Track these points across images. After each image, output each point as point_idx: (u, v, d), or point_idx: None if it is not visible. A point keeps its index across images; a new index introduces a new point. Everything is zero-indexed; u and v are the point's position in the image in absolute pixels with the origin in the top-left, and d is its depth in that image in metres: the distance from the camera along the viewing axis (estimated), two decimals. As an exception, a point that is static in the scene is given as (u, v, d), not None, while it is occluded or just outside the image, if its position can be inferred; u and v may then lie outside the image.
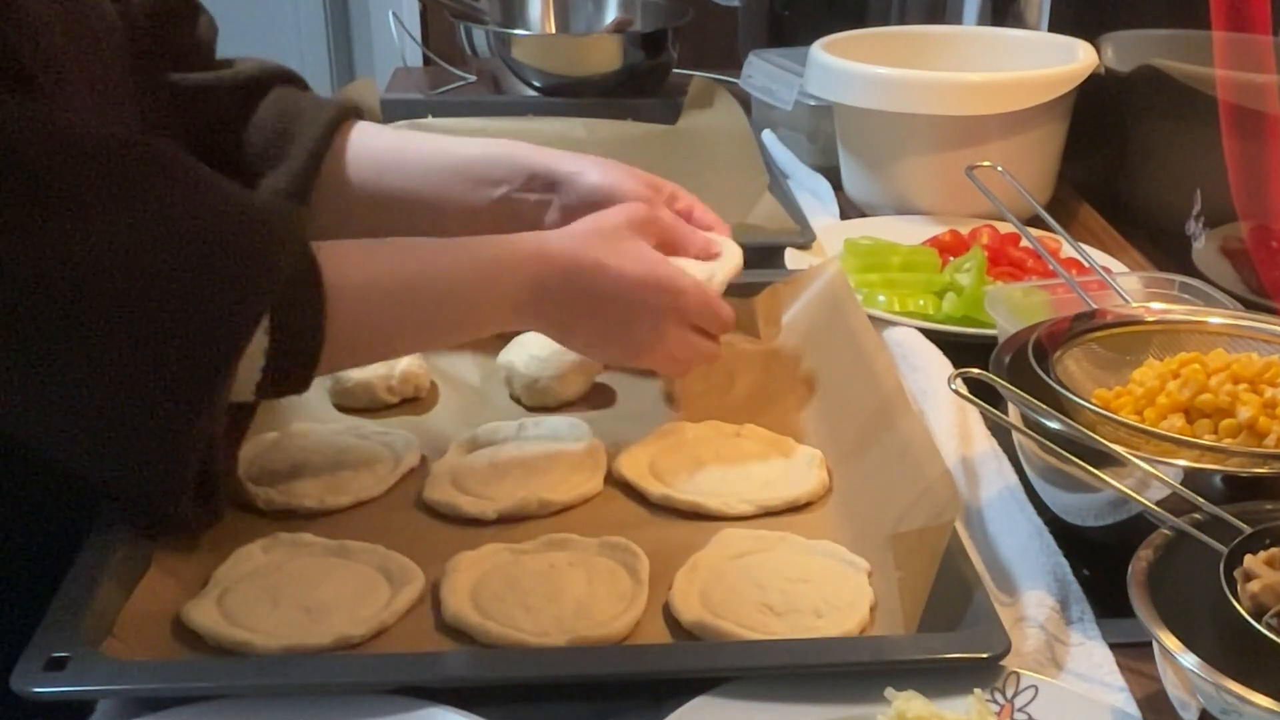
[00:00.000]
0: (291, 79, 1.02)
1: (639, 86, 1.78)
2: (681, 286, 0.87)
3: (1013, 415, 0.80)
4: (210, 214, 0.70)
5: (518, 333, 0.99)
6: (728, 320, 0.91)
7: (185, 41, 0.98)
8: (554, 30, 1.92)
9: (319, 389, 0.98)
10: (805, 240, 1.23)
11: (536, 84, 1.77)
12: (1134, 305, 0.93)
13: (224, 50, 1.02)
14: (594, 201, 0.95)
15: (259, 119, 0.97)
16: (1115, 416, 0.77)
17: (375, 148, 0.99)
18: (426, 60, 2.11)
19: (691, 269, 0.91)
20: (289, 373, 0.73)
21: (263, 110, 0.98)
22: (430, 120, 1.65)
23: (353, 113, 1.01)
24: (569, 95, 1.74)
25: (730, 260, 0.96)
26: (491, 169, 0.98)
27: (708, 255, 0.95)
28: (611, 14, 1.93)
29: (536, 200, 0.98)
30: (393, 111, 1.68)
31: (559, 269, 0.82)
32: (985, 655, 0.67)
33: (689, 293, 0.87)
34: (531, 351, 0.97)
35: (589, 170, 0.97)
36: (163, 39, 0.95)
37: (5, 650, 0.66)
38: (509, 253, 0.82)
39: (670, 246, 0.91)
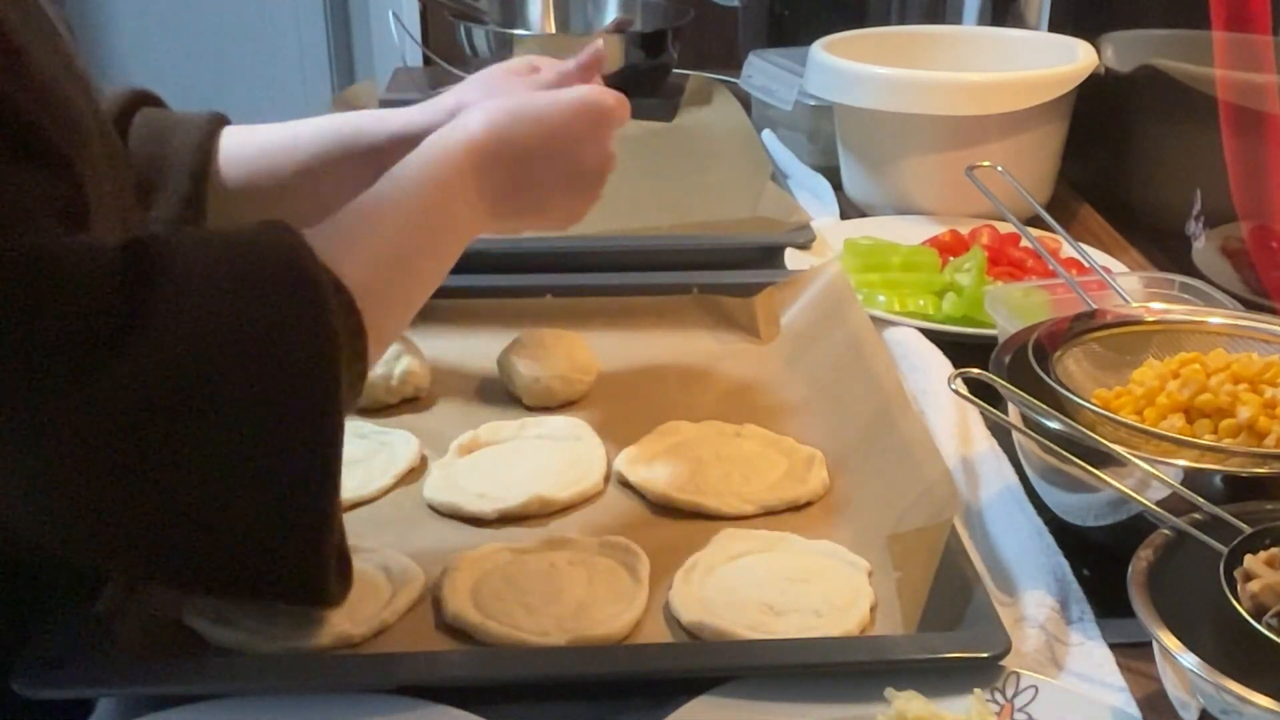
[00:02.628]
0: (149, 99, 0.99)
1: (639, 86, 1.78)
2: (595, 95, 0.85)
3: (1013, 415, 0.80)
4: (247, 300, 0.64)
5: (518, 331, 1.00)
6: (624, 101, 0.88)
7: None
8: (554, 30, 1.91)
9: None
10: (805, 240, 1.23)
11: None
12: (1134, 305, 0.93)
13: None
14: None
15: (130, 149, 0.94)
16: (1115, 416, 0.77)
17: (239, 149, 0.97)
18: (426, 60, 2.11)
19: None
20: (355, 387, 0.70)
21: (131, 139, 0.94)
22: None
23: (221, 121, 0.98)
24: None
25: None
26: (356, 141, 0.96)
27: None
28: (611, 14, 1.93)
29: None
30: None
31: (490, 148, 0.80)
32: (985, 655, 0.67)
33: (602, 95, 0.85)
34: (532, 351, 0.97)
35: (453, 112, 0.94)
36: None
37: (5, 650, 0.66)
38: (445, 166, 0.79)
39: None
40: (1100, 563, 0.76)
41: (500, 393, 0.99)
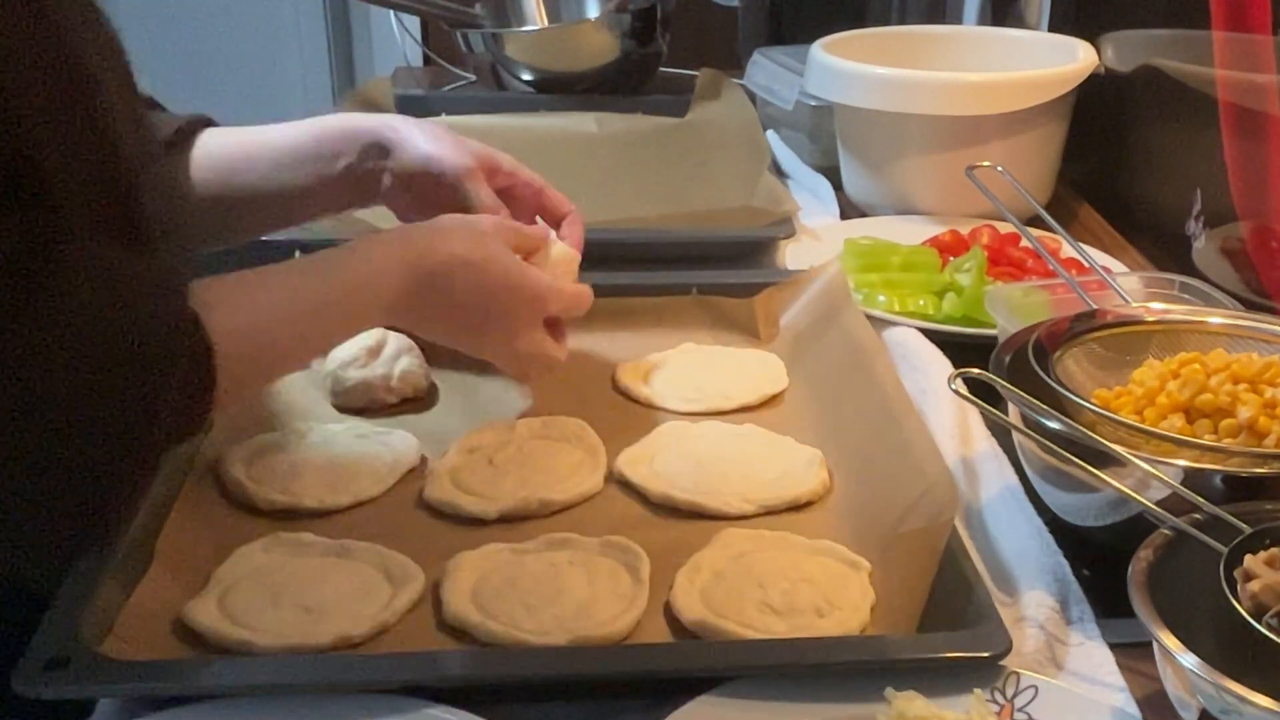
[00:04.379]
0: (207, 122, 1.02)
1: (631, 78, 1.78)
2: (541, 289, 0.89)
3: (1013, 415, 0.80)
4: (103, 337, 0.68)
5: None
6: (583, 297, 0.93)
7: None
8: (544, 19, 1.91)
9: (319, 389, 0.98)
10: (786, 233, 1.25)
11: (527, 79, 1.77)
12: (1134, 305, 0.93)
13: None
14: (424, 168, 0.97)
15: None
16: (1115, 416, 0.77)
17: (215, 152, 0.99)
18: (427, 60, 2.11)
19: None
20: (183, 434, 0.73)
21: None
22: (443, 118, 1.66)
23: (201, 122, 1.01)
24: (562, 90, 1.75)
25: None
26: (329, 145, 0.99)
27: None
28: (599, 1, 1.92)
29: (372, 167, 0.99)
30: (406, 109, 1.69)
31: (423, 274, 0.84)
32: (986, 655, 0.67)
33: (549, 294, 0.90)
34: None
35: (418, 138, 0.98)
36: None
37: (5, 650, 0.66)
38: (378, 261, 0.83)
39: (524, 252, 0.92)
40: (1100, 563, 0.76)
41: (501, 393, 0.99)
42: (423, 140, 0.98)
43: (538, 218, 1.02)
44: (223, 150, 0.98)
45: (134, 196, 0.78)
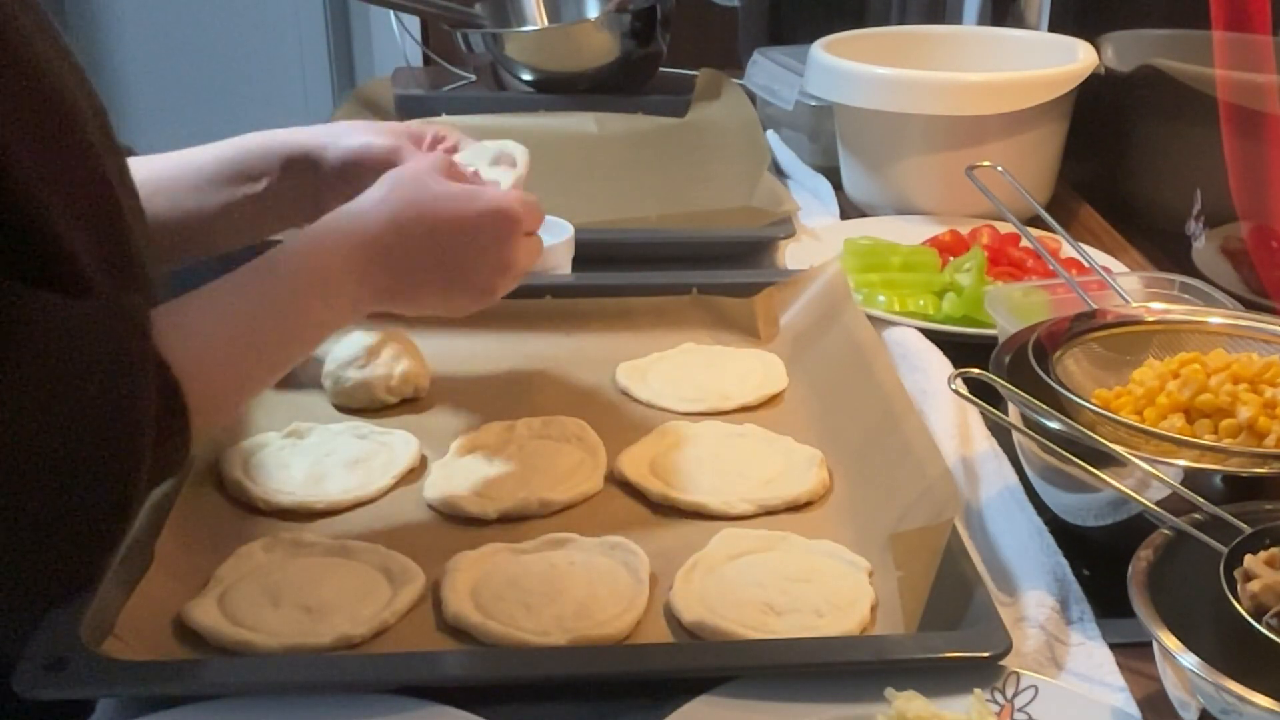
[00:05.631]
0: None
1: (631, 78, 1.78)
2: (503, 202, 0.84)
3: (1013, 415, 0.80)
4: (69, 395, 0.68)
5: (518, 331, 1.00)
6: (538, 208, 0.89)
7: None
8: (544, 19, 1.91)
9: (319, 389, 0.98)
10: (785, 233, 1.25)
11: (527, 79, 1.77)
12: (1134, 305, 0.93)
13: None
14: (356, 160, 0.95)
15: None
16: (1115, 416, 0.77)
17: (136, 178, 0.94)
18: (427, 60, 2.11)
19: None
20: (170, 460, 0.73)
21: None
22: (444, 119, 1.66)
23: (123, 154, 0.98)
24: (562, 90, 1.75)
25: (520, 164, 0.95)
26: (250, 165, 0.97)
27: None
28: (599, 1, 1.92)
29: (300, 183, 0.97)
30: (407, 109, 1.69)
31: (384, 244, 0.80)
32: (986, 654, 0.67)
33: (511, 202, 0.85)
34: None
35: (341, 136, 0.97)
36: None
37: (5, 650, 0.66)
38: (330, 256, 0.80)
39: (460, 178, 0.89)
40: (1100, 563, 0.76)
41: (501, 393, 0.99)
42: (349, 136, 0.97)
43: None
44: (142, 177, 0.93)
45: (124, 230, 0.77)
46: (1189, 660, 0.60)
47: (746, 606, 0.73)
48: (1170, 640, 0.61)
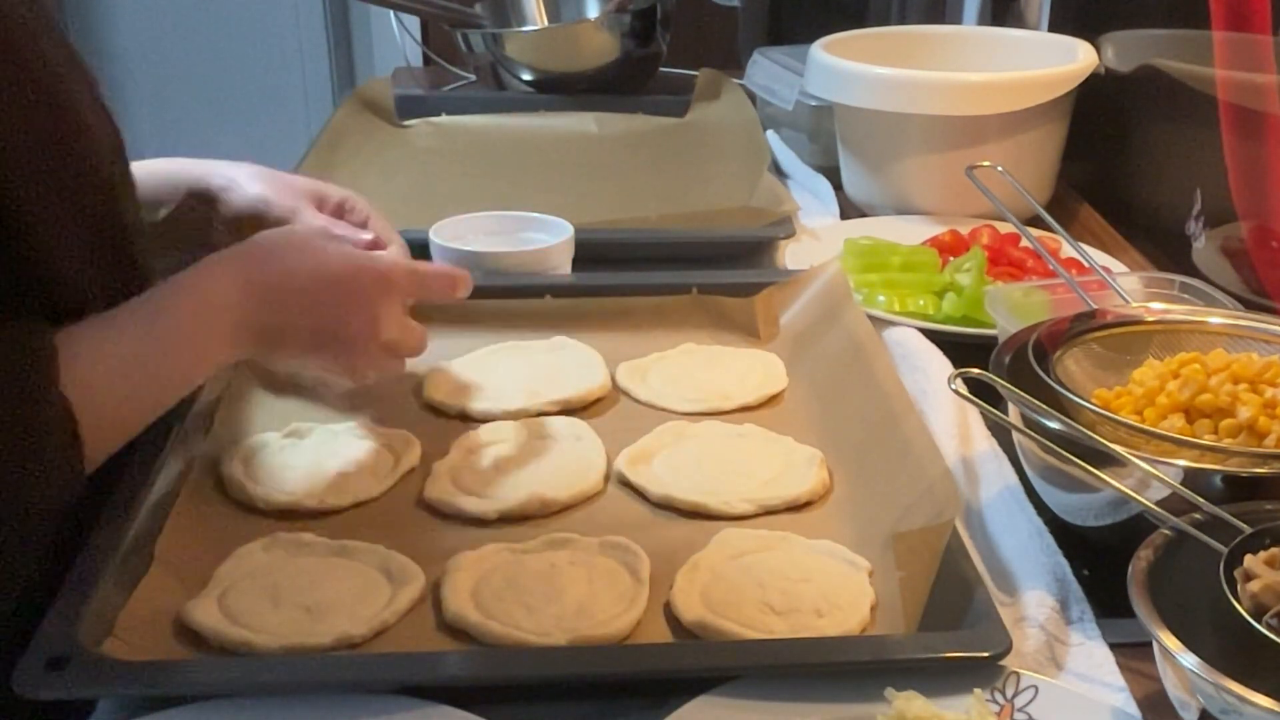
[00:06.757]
0: None
1: (631, 78, 1.79)
2: (385, 266, 0.85)
3: (1013, 415, 0.80)
4: None
5: (518, 331, 0.99)
6: (439, 278, 0.89)
7: None
8: (544, 19, 1.91)
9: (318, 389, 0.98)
10: (785, 233, 1.25)
11: (527, 79, 1.78)
12: (1134, 305, 0.93)
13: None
14: (253, 209, 0.96)
15: None
16: (1115, 416, 0.77)
17: None
18: (427, 60, 2.12)
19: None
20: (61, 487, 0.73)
21: None
22: (444, 119, 1.66)
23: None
24: (562, 90, 1.75)
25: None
26: (150, 191, 0.95)
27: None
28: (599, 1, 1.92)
29: (194, 215, 0.98)
30: (406, 109, 1.69)
31: (259, 291, 0.80)
32: (986, 654, 0.67)
33: (394, 268, 0.86)
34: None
35: (245, 182, 0.97)
36: None
37: (5, 650, 0.66)
38: (212, 297, 0.80)
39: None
40: (1100, 563, 0.76)
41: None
42: (251, 183, 0.97)
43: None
44: None
45: (129, 238, 0.78)
46: (1189, 660, 0.60)
47: (746, 606, 0.73)
48: (1170, 640, 0.61)
